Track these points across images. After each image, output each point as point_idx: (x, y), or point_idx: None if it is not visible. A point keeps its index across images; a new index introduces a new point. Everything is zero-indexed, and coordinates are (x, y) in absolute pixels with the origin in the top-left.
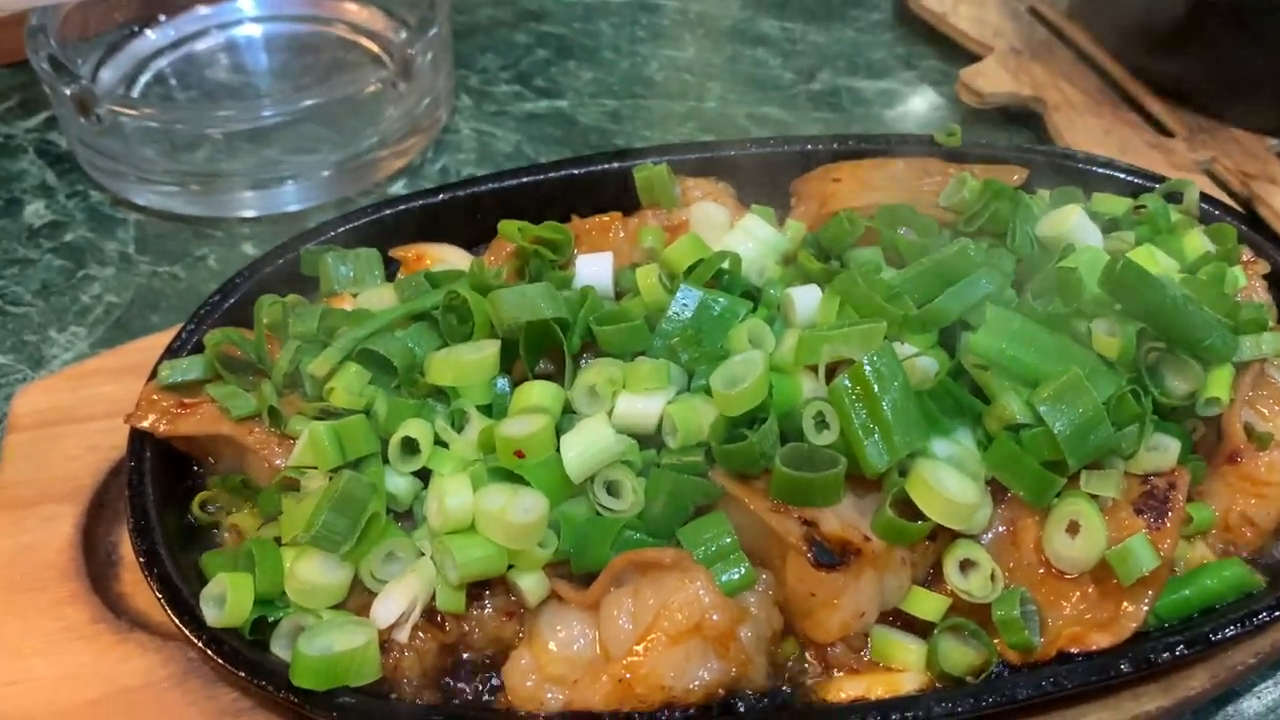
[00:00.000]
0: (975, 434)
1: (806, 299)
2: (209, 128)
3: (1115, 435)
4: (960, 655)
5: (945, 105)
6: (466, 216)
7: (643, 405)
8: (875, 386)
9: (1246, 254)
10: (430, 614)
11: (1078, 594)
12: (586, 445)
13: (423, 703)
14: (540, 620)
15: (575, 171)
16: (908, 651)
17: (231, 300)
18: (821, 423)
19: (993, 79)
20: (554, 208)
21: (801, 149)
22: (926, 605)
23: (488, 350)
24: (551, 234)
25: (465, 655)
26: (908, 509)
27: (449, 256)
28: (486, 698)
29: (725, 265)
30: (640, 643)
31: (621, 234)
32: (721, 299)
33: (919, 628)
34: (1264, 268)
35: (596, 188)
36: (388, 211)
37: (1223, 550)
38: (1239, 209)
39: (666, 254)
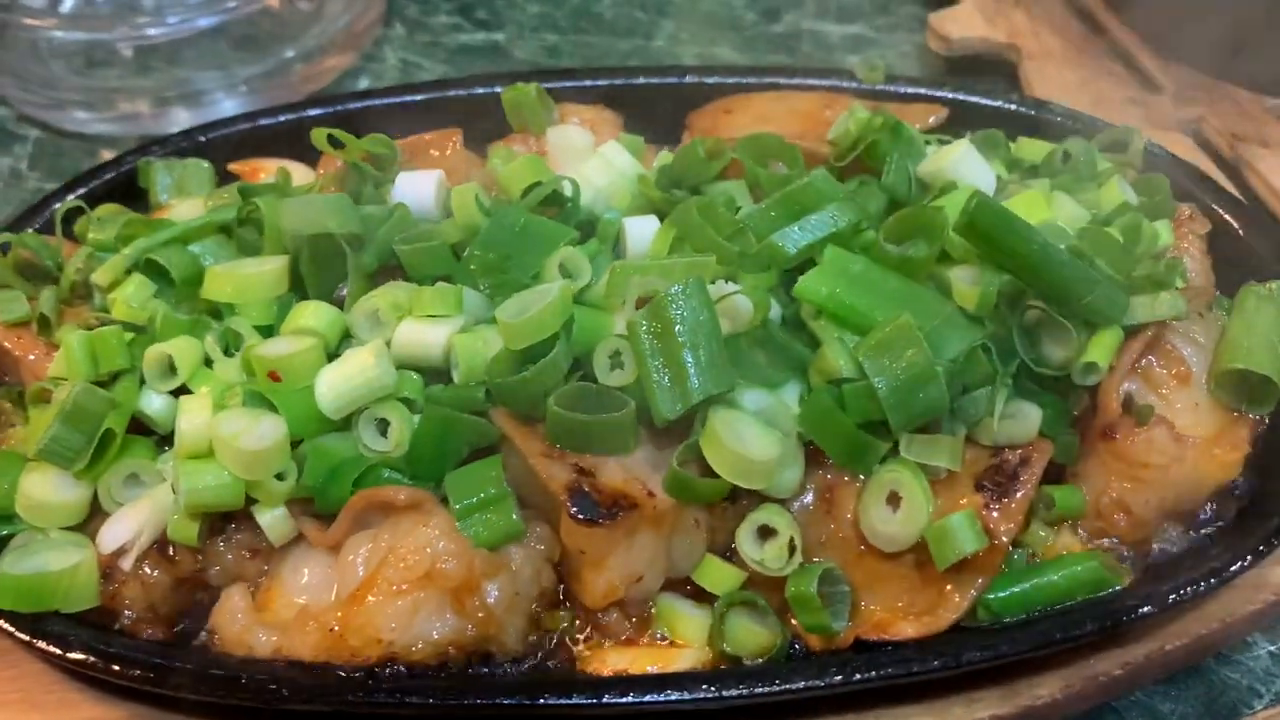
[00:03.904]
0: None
1: (640, 230)
2: (99, 35)
3: (965, 398)
4: (749, 634)
5: (914, 53)
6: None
7: (426, 333)
8: (676, 324)
9: (1186, 210)
10: (164, 544)
11: (899, 576)
12: (344, 377)
13: (145, 637)
14: (285, 560)
15: (457, 93)
16: (690, 625)
17: (55, 206)
18: (616, 361)
19: (964, 24)
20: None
21: (701, 81)
22: (716, 576)
23: (269, 266)
24: (374, 147)
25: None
26: (708, 465)
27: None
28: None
29: (567, 192)
30: (364, 589)
31: (451, 151)
32: (542, 224)
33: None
34: (1203, 226)
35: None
36: (240, 125)
37: (1096, 541)
38: (1194, 166)
39: (502, 175)
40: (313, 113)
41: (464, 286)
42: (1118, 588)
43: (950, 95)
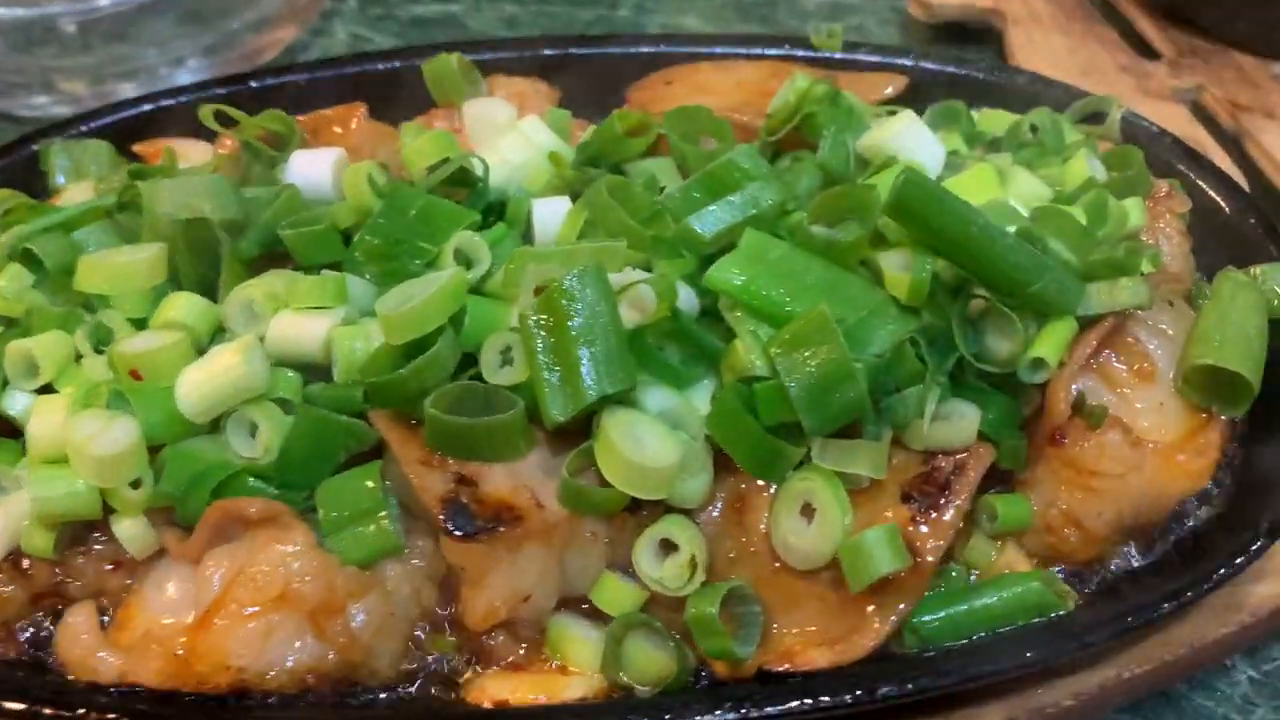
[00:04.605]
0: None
1: (551, 213)
2: (40, 11)
3: (893, 398)
4: (647, 660)
5: (895, 20)
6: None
7: (304, 327)
8: (570, 317)
9: (1164, 187)
10: (19, 555)
11: (815, 596)
12: (208, 376)
13: None
14: (149, 574)
15: (379, 66)
16: (583, 649)
17: None
18: (507, 358)
19: None
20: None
21: (641, 51)
22: (613, 595)
23: (144, 254)
24: (269, 124)
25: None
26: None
27: (192, 153)
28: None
29: (478, 171)
30: (212, 612)
31: (355, 126)
32: (441, 206)
33: None
34: (1182, 204)
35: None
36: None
37: (1045, 558)
38: (1178, 138)
39: (405, 153)
40: (220, 91)
41: (349, 275)
42: (1063, 612)
43: (910, 63)
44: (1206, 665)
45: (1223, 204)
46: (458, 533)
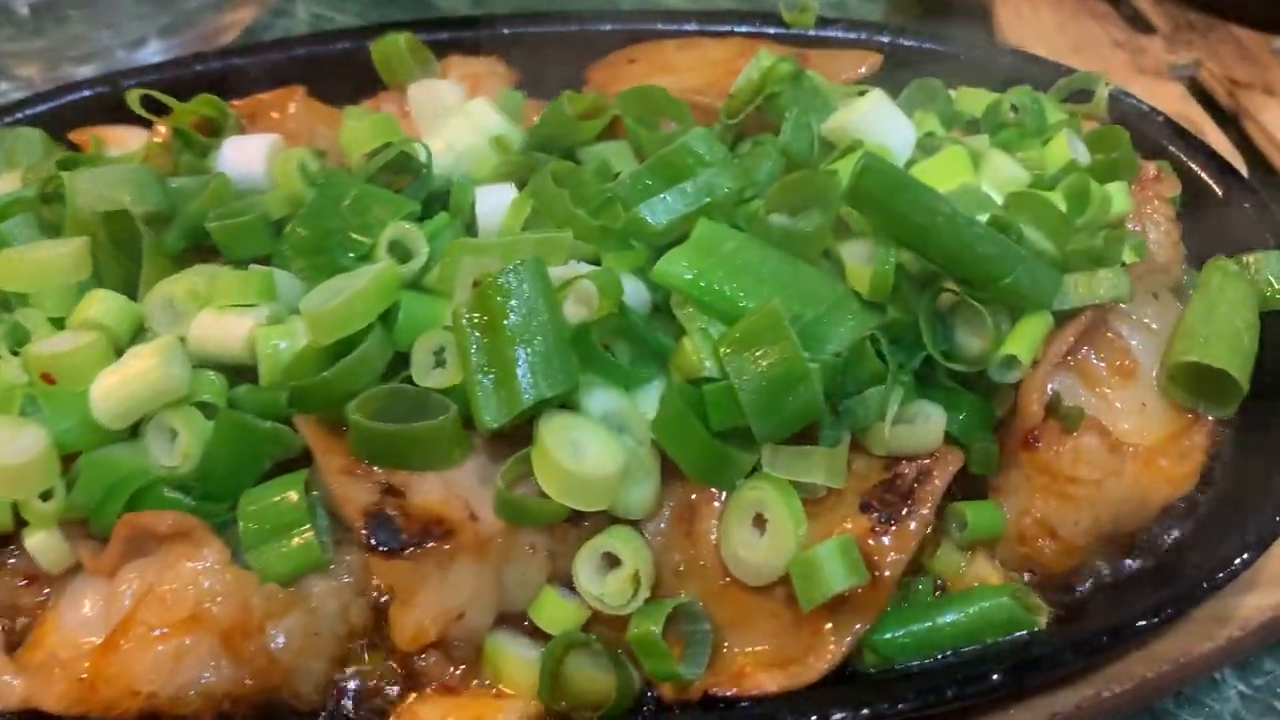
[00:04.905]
0: None
1: (495, 201)
2: None
3: (853, 400)
4: (589, 683)
5: None
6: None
7: (227, 326)
8: (506, 315)
9: (1153, 170)
10: None
11: (769, 613)
12: (123, 380)
13: None
14: (66, 590)
15: (329, 48)
16: (521, 669)
17: None
18: (441, 359)
19: None
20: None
21: (603, 29)
22: (553, 613)
23: (65, 249)
24: (201, 109)
25: None
26: None
27: (128, 140)
28: None
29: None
30: (118, 634)
31: (293, 110)
32: (378, 196)
33: None
34: (1171, 188)
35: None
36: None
37: (1019, 569)
38: (1168, 116)
39: (342, 138)
40: (168, 75)
41: (277, 270)
42: (1034, 629)
43: (886, 40)
44: (1194, 681)
45: (1216, 187)
46: (382, 548)
